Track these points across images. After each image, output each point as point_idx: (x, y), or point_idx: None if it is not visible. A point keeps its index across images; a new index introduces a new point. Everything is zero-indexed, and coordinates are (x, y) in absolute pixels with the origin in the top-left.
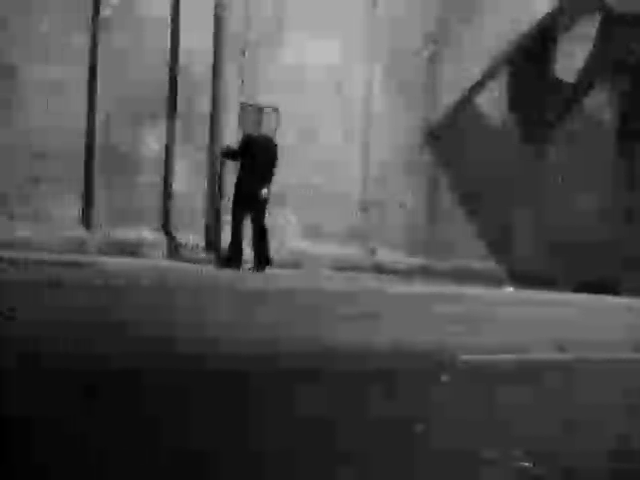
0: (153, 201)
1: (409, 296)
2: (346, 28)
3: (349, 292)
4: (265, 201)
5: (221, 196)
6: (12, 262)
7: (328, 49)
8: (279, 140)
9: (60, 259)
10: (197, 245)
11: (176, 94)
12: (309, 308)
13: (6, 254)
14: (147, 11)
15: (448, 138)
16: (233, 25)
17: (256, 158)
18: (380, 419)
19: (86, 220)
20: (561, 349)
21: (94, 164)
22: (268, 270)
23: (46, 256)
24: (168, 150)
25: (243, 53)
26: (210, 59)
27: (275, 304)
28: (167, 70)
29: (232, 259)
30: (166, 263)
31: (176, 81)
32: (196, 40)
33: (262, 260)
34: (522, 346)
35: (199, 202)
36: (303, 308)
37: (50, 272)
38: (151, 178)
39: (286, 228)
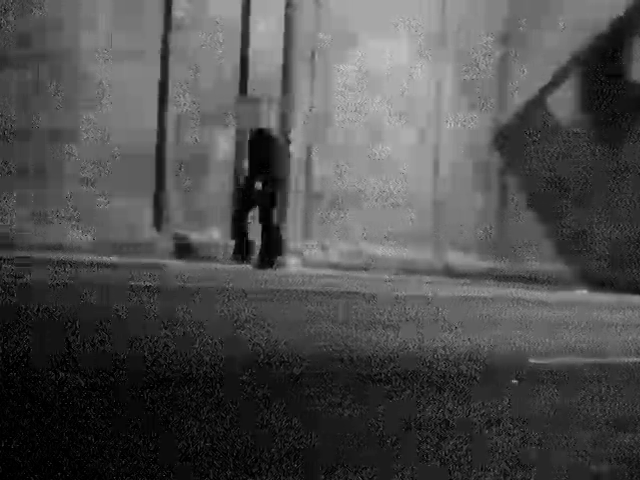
0: (223, 202)
1: (482, 300)
2: (416, 28)
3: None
4: (270, 197)
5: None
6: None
7: (397, 49)
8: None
9: (131, 261)
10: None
11: (247, 95)
12: (392, 313)
13: (74, 257)
14: (219, 12)
15: (518, 138)
16: (304, 26)
17: (255, 153)
18: (460, 422)
19: (158, 222)
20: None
21: (165, 165)
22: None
23: (118, 259)
24: (239, 151)
25: (313, 55)
26: (280, 60)
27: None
28: (238, 70)
29: (235, 253)
30: (236, 266)
31: (247, 81)
32: (267, 41)
33: (265, 258)
34: (598, 349)
35: None
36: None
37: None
38: (223, 179)
39: (355, 230)
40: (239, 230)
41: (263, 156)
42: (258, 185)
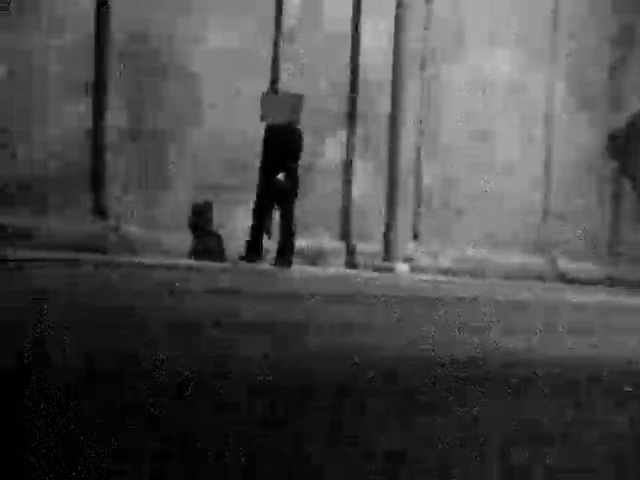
0: (333, 209)
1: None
2: (527, 31)
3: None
4: (291, 193)
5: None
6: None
7: (508, 52)
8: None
9: (242, 267)
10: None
11: (356, 104)
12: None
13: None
14: (329, 16)
15: (632, 142)
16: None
17: (276, 148)
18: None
19: (267, 229)
20: None
21: None
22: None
23: (224, 265)
24: (348, 158)
25: (422, 64)
26: (390, 71)
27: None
28: (348, 80)
29: (248, 252)
30: (346, 271)
31: (357, 85)
32: (376, 43)
33: (284, 257)
34: None
35: (378, 212)
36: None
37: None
38: (332, 186)
39: (465, 235)
40: (258, 228)
41: (287, 151)
42: (281, 179)
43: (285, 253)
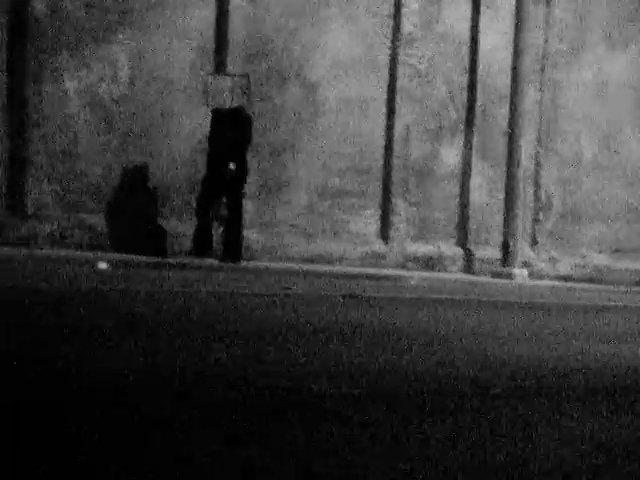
0: (451, 215)
1: None
2: None
3: None
4: (240, 183)
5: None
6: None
7: (629, 55)
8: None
9: (360, 272)
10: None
11: (474, 108)
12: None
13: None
14: (447, 27)
15: None
16: (532, 39)
17: (224, 135)
18: None
19: (385, 234)
20: None
21: (393, 178)
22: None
23: (346, 269)
24: (466, 163)
25: (542, 67)
26: (509, 75)
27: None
28: (466, 84)
29: (196, 247)
30: (464, 277)
31: (475, 95)
32: (496, 57)
33: (233, 251)
34: None
35: (496, 216)
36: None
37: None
38: (449, 192)
39: (582, 240)
40: (206, 220)
41: (237, 136)
42: (232, 168)
43: (234, 246)
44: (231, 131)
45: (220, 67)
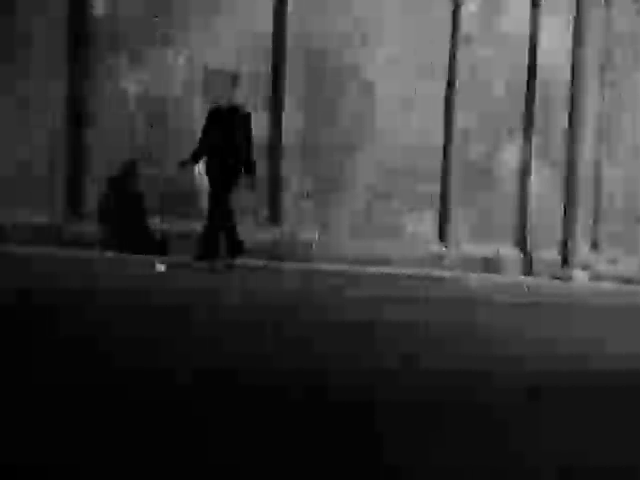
0: (509, 217)
1: None
2: None
3: None
4: (229, 183)
5: (575, 215)
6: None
7: None
8: None
9: (418, 274)
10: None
11: (533, 109)
12: None
13: (365, 270)
14: (507, 26)
15: None
16: (592, 39)
17: (222, 131)
18: None
19: (443, 236)
20: None
21: (451, 180)
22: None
23: (403, 271)
24: (525, 165)
25: (602, 65)
26: (569, 74)
27: None
28: (525, 84)
29: (205, 253)
30: (523, 279)
31: (534, 96)
32: (555, 55)
33: (205, 251)
34: None
35: (555, 217)
36: None
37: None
38: (507, 193)
39: None
40: (214, 223)
41: (238, 136)
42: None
43: (206, 245)
44: (230, 129)
45: (278, 67)
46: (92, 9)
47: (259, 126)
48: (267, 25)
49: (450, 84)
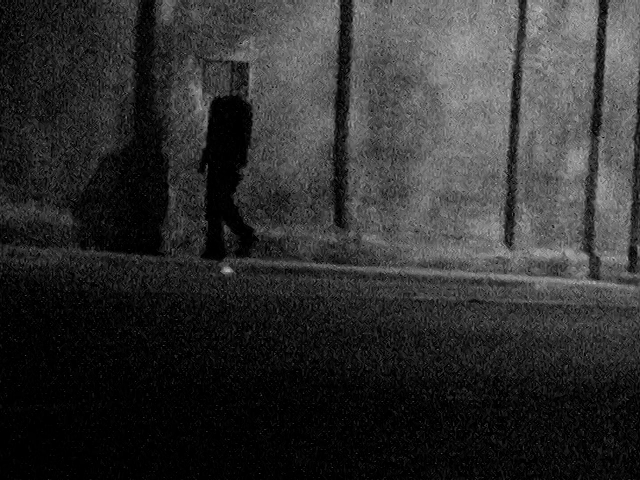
0: (576, 220)
1: None
2: None
3: None
4: (236, 176)
5: None
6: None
7: None
8: None
9: (484, 278)
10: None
11: (600, 112)
12: None
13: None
14: (573, 31)
15: None
16: None
17: (223, 123)
18: None
19: (509, 239)
20: None
21: (517, 183)
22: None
23: (469, 275)
24: (592, 169)
25: None
26: (637, 78)
27: None
28: (592, 88)
29: (215, 250)
30: (590, 283)
31: (601, 99)
32: (623, 59)
33: (212, 248)
34: None
35: (623, 221)
36: None
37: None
38: (574, 197)
39: None
40: (218, 221)
41: (237, 127)
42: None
43: (213, 243)
44: (230, 121)
45: (344, 72)
46: (160, 17)
47: (325, 129)
48: (334, 29)
49: (516, 88)
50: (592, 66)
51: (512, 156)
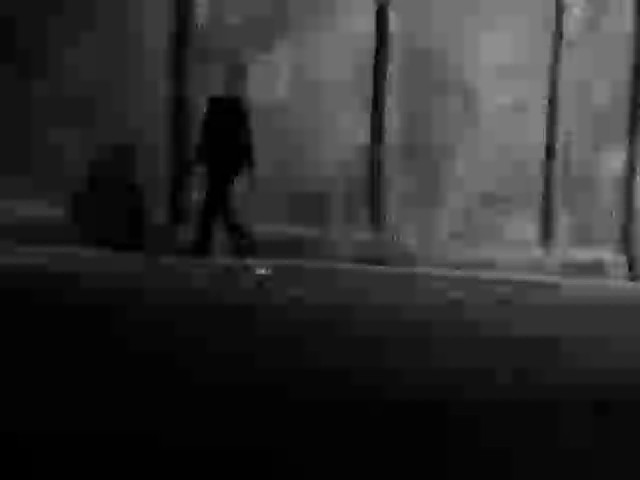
0: (613, 221)
1: None
2: None
3: None
4: (225, 175)
5: None
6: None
7: None
8: None
9: (519, 279)
10: None
11: (637, 111)
12: None
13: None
14: (610, 30)
15: None
16: None
17: (222, 123)
18: None
19: (545, 240)
20: None
21: (553, 184)
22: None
23: (505, 276)
24: (629, 169)
25: None
26: None
27: None
28: (629, 88)
29: (200, 248)
30: (627, 284)
31: (638, 99)
32: None
33: (198, 244)
34: None
35: None
36: None
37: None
38: (611, 198)
39: None
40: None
41: (238, 129)
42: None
43: (199, 241)
44: (230, 122)
45: (380, 72)
46: (196, 18)
47: (360, 130)
48: (369, 26)
49: (553, 87)
50: (630, 65)
51: (549, 156)
